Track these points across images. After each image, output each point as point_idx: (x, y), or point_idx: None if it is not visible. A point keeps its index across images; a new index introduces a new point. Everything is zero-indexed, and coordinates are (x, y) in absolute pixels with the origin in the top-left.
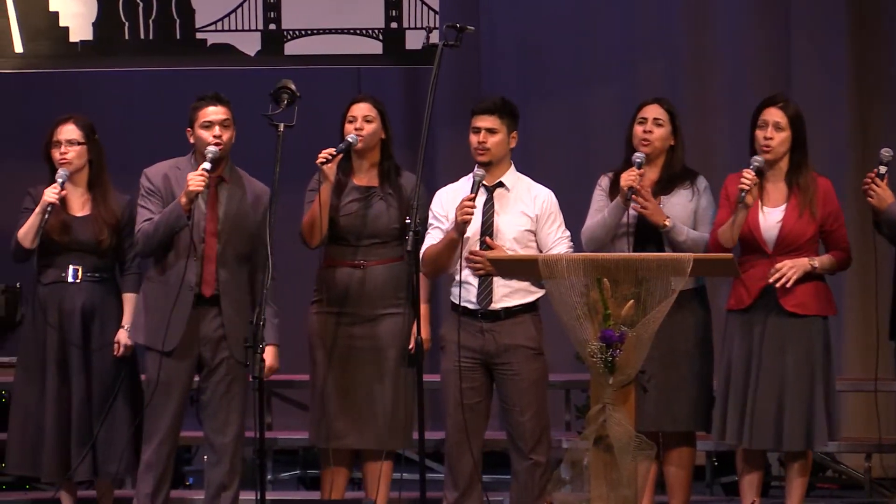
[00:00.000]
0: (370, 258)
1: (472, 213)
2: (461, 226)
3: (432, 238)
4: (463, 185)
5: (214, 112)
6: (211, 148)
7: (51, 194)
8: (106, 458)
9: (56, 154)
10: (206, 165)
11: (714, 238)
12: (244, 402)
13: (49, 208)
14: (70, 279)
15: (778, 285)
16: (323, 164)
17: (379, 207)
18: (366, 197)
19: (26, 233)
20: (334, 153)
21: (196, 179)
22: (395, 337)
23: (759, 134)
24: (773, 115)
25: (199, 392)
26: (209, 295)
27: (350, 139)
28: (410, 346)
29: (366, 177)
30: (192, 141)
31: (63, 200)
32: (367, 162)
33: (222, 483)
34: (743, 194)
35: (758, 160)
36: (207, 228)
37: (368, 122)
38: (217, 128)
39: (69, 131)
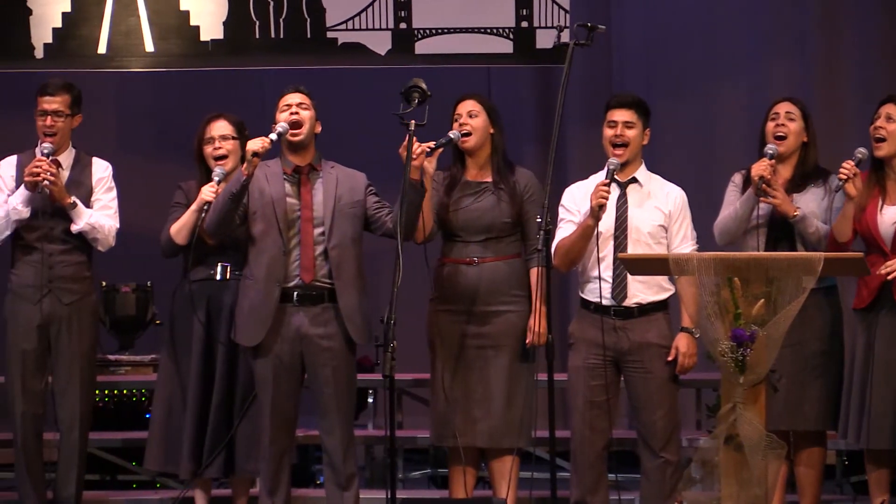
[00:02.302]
0: (483, 254)
1: (607, 197)
2: (596, 210)
3: (563, 232)
4: (593, 183)
5: (292, 97)
6: (281, 124)
7: (208, 192)
8: (244, 455)
9: (209, 149)
10: (272, 136)
11: (830, 232)
12: (352, 400)
13: (206, 206)
14: (218, 277)
15: (890, 277)
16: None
17: (489, 202)
18: (476, 192)
19: (179, 229)
20: (433, 147)
21: (255, 140)
22: (509, 334)
23: (872, 126)
24: (888, 108)
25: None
26: (309, 281)
27: (451, 135)
28: (529, 341)
29: (478, 173)
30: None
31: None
32: (479, 158)
33: (340, 484)
34: (840, 183)
35: (861, 151)
36: (303, 216)
37: (472, 117)
38: (294, 107)
39: (221, 127)
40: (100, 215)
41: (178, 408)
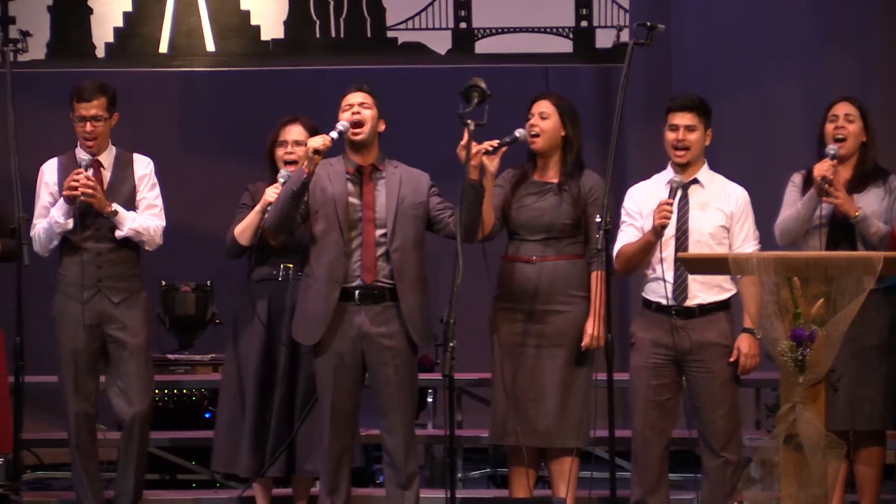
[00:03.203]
0: (542, 253)
1: (669, 218)
2: (659, 230)
3: (626, 235)
4: (655, 183)
5: (354, 96)
6: (342, 122)
7: (272, 194)
8: (304, 455)
9: (281, 152)
10: (333, 134)
11: (891, 230)
12: (413, 399)
13: (269, 207)
14: (280, 278)
15: None
16: (483, 154)
17: (551, 202)
18: (540, 192)
19: (244, 230)
20: (496, 145)
21: (316, 138)
22: (566, 334)
23: None
24: None
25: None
26: (370, 282)
27: (518, 134)
28: (584, 344)
29: (547, 173)
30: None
31: None
32: (548, 159)
33: (400, 483)
34: None
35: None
36: (365, 216)
37: (543, 119)
38: (356, 106)
39: (296, 132)
40: (143, 217)
41: (241, 408)
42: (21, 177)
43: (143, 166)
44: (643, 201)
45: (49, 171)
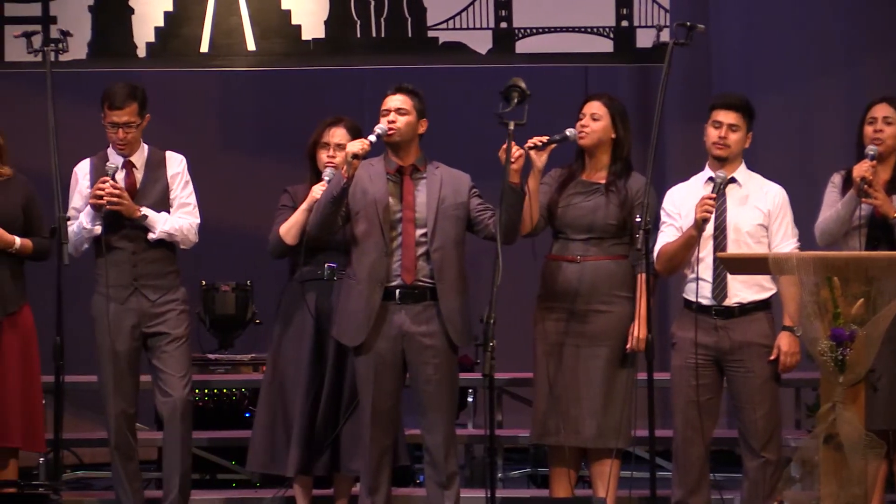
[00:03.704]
0: (586, 253)
1: (711, 211)
2: (701, 223)
3: (665, 236)
4: (693, 184)
5: (391, 100)
6: (380, 125)
7: (319, 191)
8: (349, 453)
9: (324, 156)
10: (371, 137)
11: None
12: (453, 398)
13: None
14: (325, 277)
15: None
16: (531, 148)
17: (598, 203)
18: (587, 192)
19: (289, 229)
20: (545, 141)
21: (354, 143)
22: (608, 334)
23: None
24: None
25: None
26: (410, 282)
27: (568, 132)
28: (629, 346)
29: (595, 174)
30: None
31: None
32: (598, 160)
33: (440, 482)
34: None
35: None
36: (405, 217)
37: (595, 120)
38: (392, 114)
39: (339, 135)
40: (175, 217)
41: (282, 408)
42: (61, 176)
43: (175, 164)
44: (682, 202)
45: (81, 174)
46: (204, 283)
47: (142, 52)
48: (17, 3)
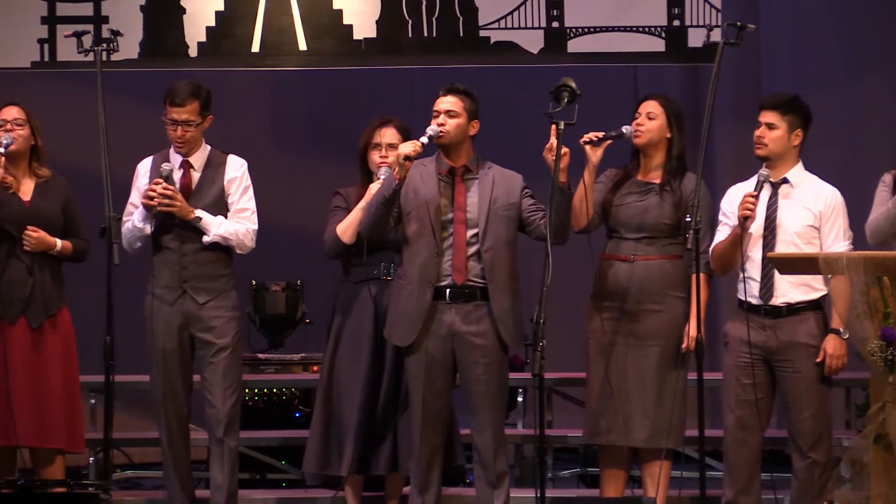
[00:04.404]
0: (639, 252)
1: (751, 210)
2: (742, 221)
3: (720, 235)
4: (750, 184)
5: (441, 102)
6: (432, 127)
7: (376, 189)
8: (408, 452)
9: (376, 157)
10: (423, 139)
11: None
12: (503, 398)
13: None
14: (381, 276)
15: None
16: (586, 143)
17: (652, 202)
18: (641, 191)
19: (346, 228)
20: (601, 136)
21: (406, 144)
22: (660, 334)
23: None
24: None
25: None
26: (461, 283)
27: (624, 129)
28: (684, 346)
29: (649, 173)
30: None
31: None
32: (653, 160)
33: (490, 482)
34: None
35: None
36: (456, 217)
37: (651, 119)
38: (442, 116)
39: (390, 135)
40: (232, 222)
41: (338, 407)
42: (112, 176)
43: (235, 168)
44: (736, 201)
45: (142, 171)
46: (254, 282)
47: (193, 51)
48: (69, 2)
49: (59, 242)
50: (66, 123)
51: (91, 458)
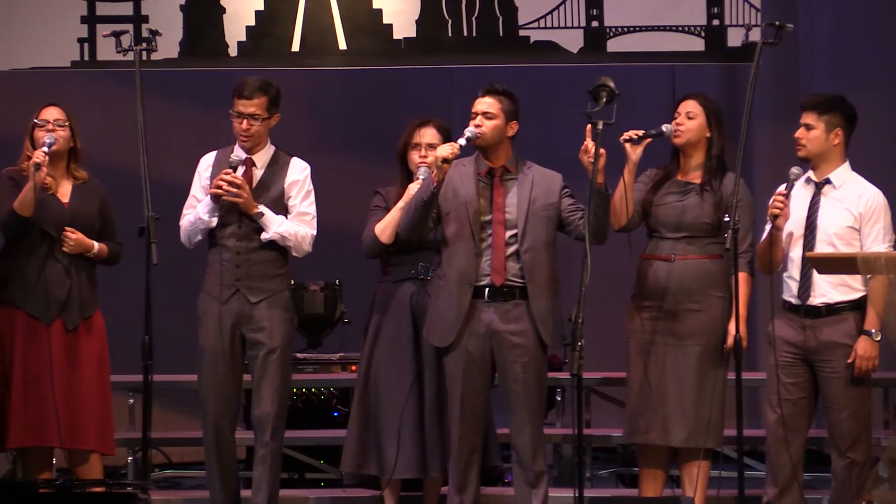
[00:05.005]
0: (679, 252)
1: (780, 209)
2: (772, 220)
3: (764, 234)
4: (800, 184)
5: (479, 103)
6: (470, 129)
7: (416, 189)
8: (433, 454)
9: (416, 157)
10: (462, 141)
11: None
12: (542, 398)
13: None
14: (420, 276)
15: None
16: (626, 141)
17: (692, 202)
18: (682, 191)
19: (384, 228)
20: (641, 135)
21: (444, 147)
22: (700, 333)
23: None
24: None
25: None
26: (500, 284)
27: (664, 128)
28: (727, 345)
29: (689, 173)
30: None
31: None
32: (693, 160)
33: (529, 481)
34: None
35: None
36: (494, 218)
37: (690, 118)
38: (479, 117)
39: (430, 135)
40: (292, 223)
41: (376, 407)
42: (150, 175)
43: (297, 171)
44: None
45: (204, 165)
46: (293, 282)
47: (233, 51)
48: (109, 2)
49: (96, 245)
50: (105, 123)
51: (130, 458)
